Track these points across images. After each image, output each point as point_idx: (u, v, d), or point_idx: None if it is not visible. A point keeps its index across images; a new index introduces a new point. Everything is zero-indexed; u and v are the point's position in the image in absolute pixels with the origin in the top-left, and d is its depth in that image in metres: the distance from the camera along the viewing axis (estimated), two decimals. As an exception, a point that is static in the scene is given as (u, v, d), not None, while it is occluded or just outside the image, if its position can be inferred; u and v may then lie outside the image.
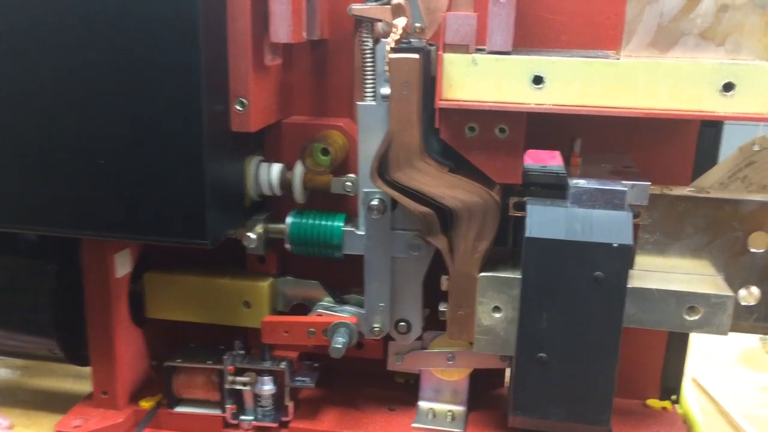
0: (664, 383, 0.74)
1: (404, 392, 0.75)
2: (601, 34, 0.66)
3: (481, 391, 0.74)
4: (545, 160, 0.83)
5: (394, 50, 0.58)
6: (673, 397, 0.75)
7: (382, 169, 0.61)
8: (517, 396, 0.58)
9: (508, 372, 0.75)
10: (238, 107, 0.61)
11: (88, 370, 0.82)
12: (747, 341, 0.97)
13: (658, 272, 0.61)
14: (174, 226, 0.58)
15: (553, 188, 0.63)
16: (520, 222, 0.61)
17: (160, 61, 0.55)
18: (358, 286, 0.72)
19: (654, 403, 0.74)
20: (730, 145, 0.68)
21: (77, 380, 0.83)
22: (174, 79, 0.55)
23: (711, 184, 0.65)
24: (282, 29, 0.59)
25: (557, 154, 0.74)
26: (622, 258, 0.54)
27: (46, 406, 0.78)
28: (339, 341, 0.65)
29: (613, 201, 0.55)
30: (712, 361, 0.92)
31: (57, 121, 0.58)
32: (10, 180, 0.60)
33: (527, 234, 0.55)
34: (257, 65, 0.62)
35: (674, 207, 0.61)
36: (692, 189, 0.63)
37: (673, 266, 0.62)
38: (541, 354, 0.57)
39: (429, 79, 0.60)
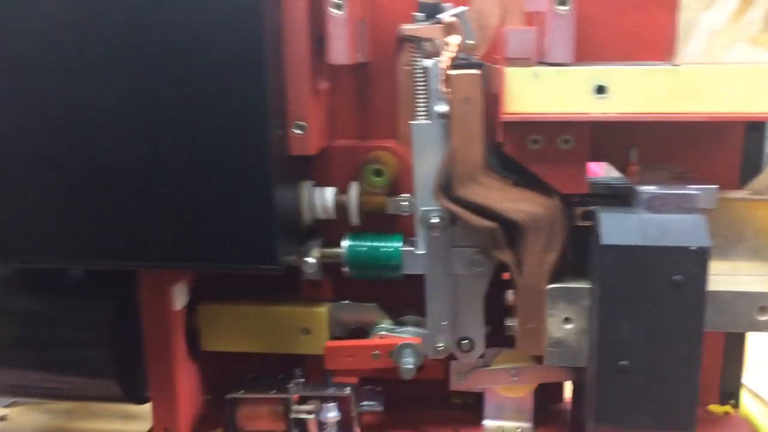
0: (723, 388, 0.74)
1: (463, 413, 0.75)
2: (642, 46, 0.67)
3: (541, 407, 0.73)
4: (590, 172, 0.83)
5: (453, 67, 0.58)
6: (732, 401, 0.75)
7: (445, 186, 0.61)
8: (600, 406, 0.57)
9: (568, 386, 0.75)
10: (297, 131, 0.61)
11: (134, 409, 0.80)
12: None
13: (725, 275, 0.61)
14: (243, 252, 0.58)
15: (610, 198, 0.63)
16: (582, 232, 0.62)
17: (224, 86, 0.55)
18: (412, 306, 0.72)
19: (716, 408, 0.74)
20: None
21: (126, 420, 0.81)
22: (239, 103, 0.55)
23: (765, 186, 0.65)
24: (341, 51, 0.60)
25: (602, 165, 0.74)
26: (701, 261, 0.54)
27: (99, 448, 0.76)
28: (409, 362, 0.65)
29: (684, 205, 0.56)
30: (757, 366, 0.92)
31: (119, 151, 0.57)
32: (71, 214, 0.59)
33: (602, 242, 0.55)
34: (313, 88, 0.62)
35: (734, 210, 0.62)
36: (748, 192, 0.64)
37: (736, 269, 0.62)
38: (623, 362, 0.56)
39: (484, 95, 0.60)
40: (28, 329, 0.69)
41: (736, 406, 0.74)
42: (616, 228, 0.55)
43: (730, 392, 0.74)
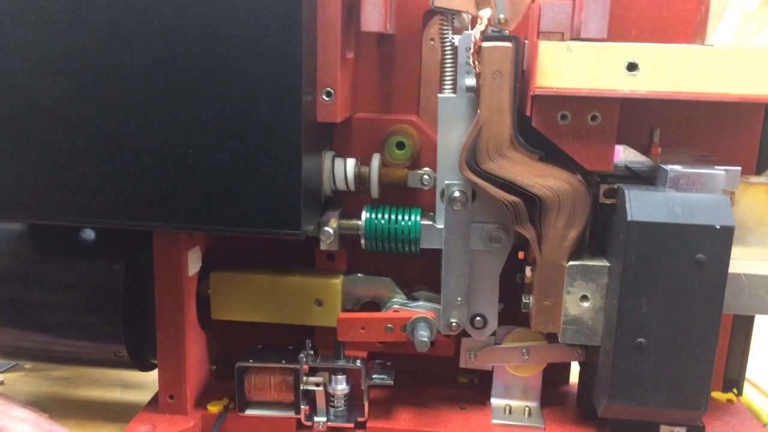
0: (726, 376, 0.75)
1: (470, 391, 0.75)
2: (669, 29, 0.67)
3: (547, 388, 0.73)
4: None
5: (485, 39, 0.58)
6: (734, 389, 0.75)
7: (470, 159, 0.61)
8: (615, 383, 0.58)
9: (575, 367, 0.75)
10: (325, 97, 0.61)
11: (134, 378, 0.80)
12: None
13: (742, 259, 0.61)
14: (267, 217, 0.57)
15: (629, 178, 0.63)
16: (602, 211, 0.62)
17: (258, 49, 0.54)
18: (424, 283, 0.71)
19: (718, 395, 0.74)
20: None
21: (125, 389, 0.80)
22: (273, 67, 0.54)
23: (783, 173, 0.66)
24: (374, 18, 0.59)
25: (617, 150, 0.74)
26: (725, 240, 0.54)
27: (100, 415, 0.74)
28: (423, 335, 0.64)
29: (709, 185, 0.56)
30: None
31: (148, 112, 0.56)
32: (96, 172, 0.57)
33: (629, 218, 0.55)
34: (343, 55, 0.61)
35: (754, 196, 0.63)
36: (767, 178, 0.65)
37: (753, 254, 0.63)
38: (641, 339, 0.56)
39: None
40: (36, 291, 0.68)
41: (739, 394, 0.75)
42: (644, 205, 0.56)
43: (733, 380, 0.75)
